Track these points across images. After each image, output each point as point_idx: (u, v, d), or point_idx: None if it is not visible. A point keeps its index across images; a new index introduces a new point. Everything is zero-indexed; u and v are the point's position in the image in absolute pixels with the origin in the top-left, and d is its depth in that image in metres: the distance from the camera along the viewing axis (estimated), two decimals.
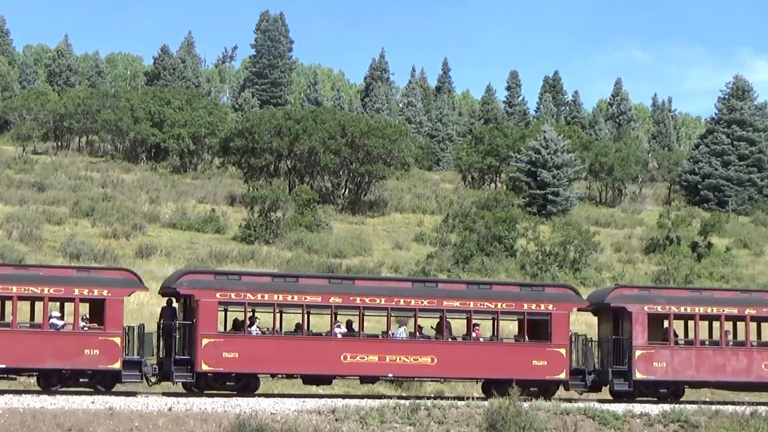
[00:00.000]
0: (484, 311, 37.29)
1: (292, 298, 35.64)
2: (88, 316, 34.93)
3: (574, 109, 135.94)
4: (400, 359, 36.10)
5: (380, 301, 36.34)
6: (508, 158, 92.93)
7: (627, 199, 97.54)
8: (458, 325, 38.99)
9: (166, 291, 36.26)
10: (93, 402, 31.79)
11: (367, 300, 36.17)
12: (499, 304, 37.00)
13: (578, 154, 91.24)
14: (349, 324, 36.98)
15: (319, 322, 38.24)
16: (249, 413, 30.91)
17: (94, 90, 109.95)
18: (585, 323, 44.95)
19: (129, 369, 34.16)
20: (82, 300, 34.44)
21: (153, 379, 35.39)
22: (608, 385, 37.56)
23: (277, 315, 36.41)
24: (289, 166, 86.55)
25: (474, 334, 37.39)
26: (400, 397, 34.59)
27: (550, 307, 37.03)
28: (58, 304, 35.42)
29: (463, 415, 32.92)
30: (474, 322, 37.39)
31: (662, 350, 37.44)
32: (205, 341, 34.47)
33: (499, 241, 68.57)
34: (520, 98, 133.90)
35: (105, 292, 34.24)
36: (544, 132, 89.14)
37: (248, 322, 35.60)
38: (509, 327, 41.64)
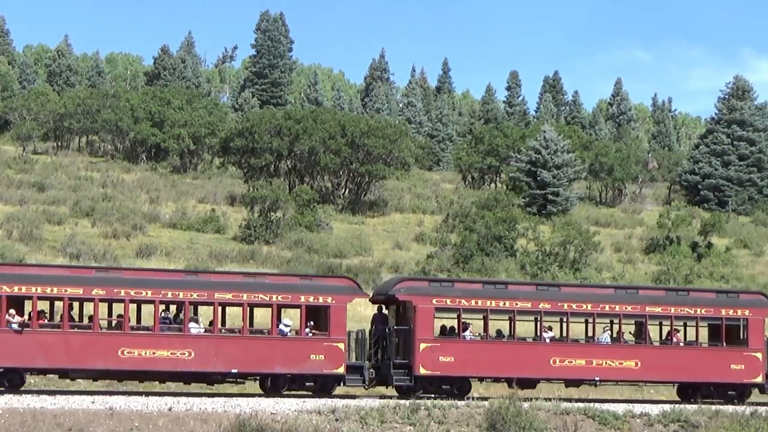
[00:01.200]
0: (684, 317, 38.58)
1: (504, 304, 37.00)
2: (312, 323, 36.30)
3: (574, 109, 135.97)
4: (605, 363, 37.40)
5: (586, 307, 37.66)
6: (508, 158, 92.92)
7: (627, 199, 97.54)
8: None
9: (377, 299, 37.85)
10: (93, 402, 31.81)
11: (573, 306, 37.54)
12: (698, 310, 38.26)
13: (578, 154, 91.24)
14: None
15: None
16: (249, 413, 30.92)
17: (94, 90, 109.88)
18: None
19: (352, 373, 35.77)
20: (308, 307, 35.80)
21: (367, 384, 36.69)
22: None
23: (475, 321, 37.84)
24: (289, 166, 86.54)
25: (674, 339, 38.60)
26: (400, 398, 34.61)
27: (747, 312, 38.36)
28: (273, 311, 36.40)
29: (463, 415, 32.94)
30: (672, 327, 38.60)
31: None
32: (423, 346, 36.00)
33: (499, 241, 68.57)
34: (520, 98, 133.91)
35: (329, 299, 35.78)
36: (544, 132, 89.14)
37: (462, 327, 36.99)
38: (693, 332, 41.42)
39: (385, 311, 37.55)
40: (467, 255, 66.19)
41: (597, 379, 37.48)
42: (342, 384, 35.74)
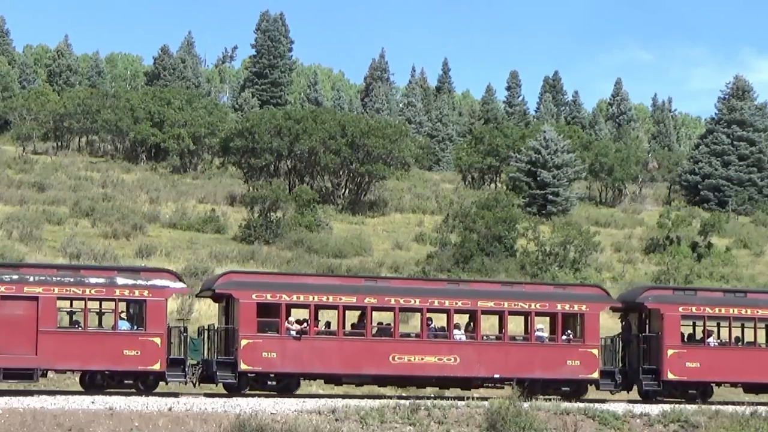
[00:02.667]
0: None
1: (745, 311, 38.64)
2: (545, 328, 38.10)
3: (574, 109, 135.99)
4: None
5: None
6: (508, 158, 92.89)
7: (627, 199, 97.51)
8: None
9: (618, 307, 39.49)
10: (93, 402, 31.80)
11: None
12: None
13: (578, 154, 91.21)
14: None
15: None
16: (249, 413, 30.92)
17: (94, 90, 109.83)
18: None
19: (604, 378, 37.43)
20: (563, 314, 37.58)
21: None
22: None
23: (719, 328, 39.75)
24: (289, 166, 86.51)
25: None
26: (400, 397, 34.60)
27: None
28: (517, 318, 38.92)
29: (463, 415, 32.93)
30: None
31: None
32: (670, 352, 37.76)
33: (499, 241, 68.54)
34: (520, 98, 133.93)
35: (584, 307, 37.56)
36: (544, 132, 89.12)
37: (705, 334, 38.80)
38: None
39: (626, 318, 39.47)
40: (467, 255, 66.17)
41: None
42: (596, 388, 37.48)
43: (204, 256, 62.23)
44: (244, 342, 35.11)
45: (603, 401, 36.44)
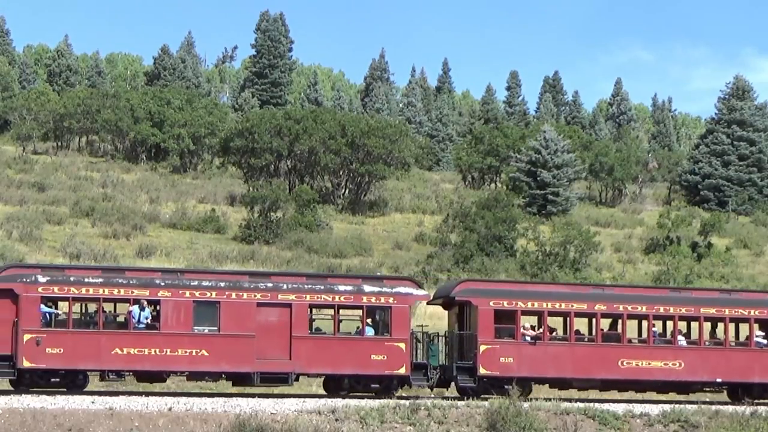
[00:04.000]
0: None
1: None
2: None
3: (574, 109, 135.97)
4: None
5: None
6: (508, 158, 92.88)
7: (627, 199, 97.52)
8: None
9: None
10: (93, 402, 31.80)
11: None
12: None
13: (578, 154, 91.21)
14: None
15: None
16: (249, 413, 30.93)
17: (94, 90, 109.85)
18: None
19: None
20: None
21: None
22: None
23: None
24: (289, 166, 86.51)
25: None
26: (400, 397, 34.61)
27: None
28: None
29: (463, 415, 32.93)
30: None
31: None
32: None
33: (499, 241, 68.57)
34: (520, 98, 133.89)
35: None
36: (544, 132, 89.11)
37: None
38: None
39: None
40: (467, 255, 66.18)
41: None
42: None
43: (204, 256, 62.26)
44: (483, 347, 36.47)
45: None
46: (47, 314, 34.54)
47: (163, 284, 35.12)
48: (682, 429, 33.83)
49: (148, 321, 34.88)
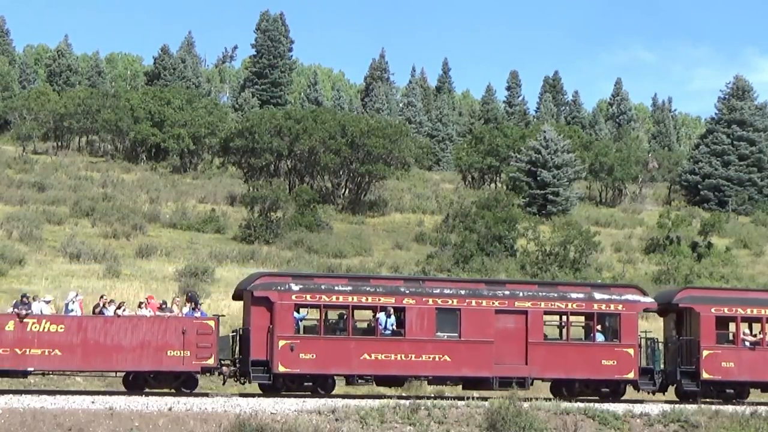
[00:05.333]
0: None
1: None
2: None
3: (574, 109, 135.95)
4: None
5: None
6: (508, 158, 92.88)
7: (627, 199, 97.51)
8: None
9: None
10: (93, 402, 31.78)
11: None
12: None
13: (578, 154, 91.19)
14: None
15: None
16: (249, 413, 30.91)
17: (94, 90, 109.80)
18: None
19: None
20: None
21: None
22: None
23: None
24: (289, 166, 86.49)
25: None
26: (400, 397, 34.59)
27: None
28: None
29: (463, 415, 32.92)
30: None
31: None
32: None
33: (499, 241, 68.56)
34: (520, 98, 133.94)
35: None
36: (544, 132, 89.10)
37: None
38: None
39: None
40: (467, 255, 66.17)
41: None
42: None
43: (204, 256, 62.23)
44: (705, 353, 37.57)
45: None
46: (299, 321, 35.82)
47: (407, 292, 36.47)
48: (682, 429, 33.81)
49: (393, 327, 36.19)
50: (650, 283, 64.54)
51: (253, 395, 35.04)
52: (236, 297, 37.57)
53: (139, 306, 35.83)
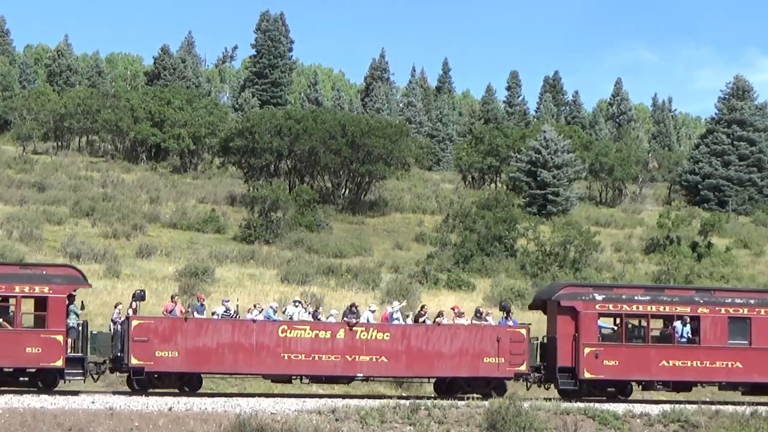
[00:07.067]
0: None
1: None
2: None
3: (574, 109, 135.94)
4: None
5: None
6: (508, 158, 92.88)
7: (627, 199, 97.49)
8: None
9: None
10: (93, 402, 31.79)
11: None
12: None
13: (578, 154, 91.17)
14: None
15: None
16: (249, 413, 30.92)
17: (94, 90, 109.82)
18: None
19: None
20: None
21: None
22: None
23: None
24: (289, 166, 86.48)
25: None
26: (400, 397, 34.59)
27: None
28: None
29: (463, 415, 32.91)
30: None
31: None
32: None
33: (500, 241, 68.55)
34: (520, 98, 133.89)
35: None
36: (544, 132, 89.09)
37: None
38: None
39: None
40: (467, 255, 66.17)
41: None
42: None
43: (204, 256, 62.19)
44: None
45: None
46: (602, 329, 37.66)
47: (701, 301, 38.11)
48: (682, 429, 33.82)
49: (689, 335, 37.84)
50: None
51: (253, 395, 35.05)
52: (534, 306, 39.61)
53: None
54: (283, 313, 36.80)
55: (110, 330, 35.89)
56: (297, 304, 37.02)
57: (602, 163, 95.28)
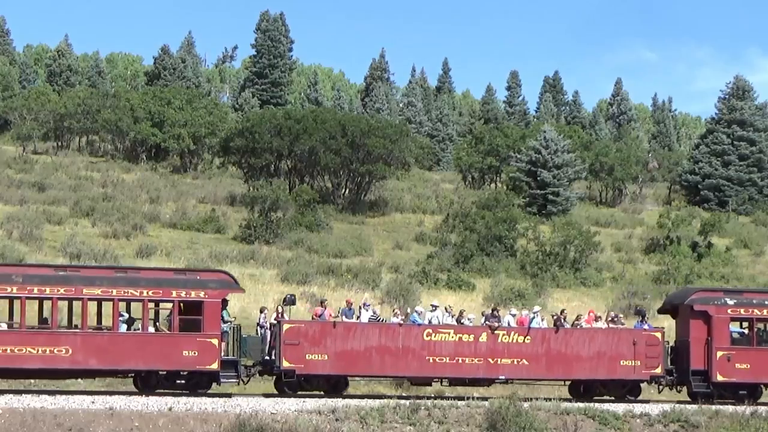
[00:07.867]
0: None
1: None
2: None
3: (574, 109, 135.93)
4: None
5: None
6: (508, 158, 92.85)
7: (627, 199, 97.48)
8: None
9: None
10: (93, 402, 31.79)
11: None
12: None
13: (578, 154, 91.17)
14: None
15: None
16: (249, 413, 30.92)
17: (94, 90, 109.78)
18: None
19: None
20: None
21: None
22: None
23: None
24: (290, 166, 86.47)
25: None
26: (400, 397, 34.59)
27: None
28: None
29: (463, 415, 32.92)
30: None
31: None
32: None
33: (500, 241, 68.55)
34: (520, 98, 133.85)
35: None
36: (545, 132, 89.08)
37: None
38: None
39: None
40: (467, 255, 66.17)
41: None
42: None
43: (204, 256, 62.17)
44: None
45: None
46: (732, 333, 38.63)
47: None
48: (682, 429, 33.83)
49: None
50: (651, 284, 64.73)
51: (253, 395, 35.05)
52: (664, 311, 40.53)
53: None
54: (418, 315, 37.49)
55: (257, 334, 36.67)
56: (434, 308, 37.69)
57: (602, 163, 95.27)
